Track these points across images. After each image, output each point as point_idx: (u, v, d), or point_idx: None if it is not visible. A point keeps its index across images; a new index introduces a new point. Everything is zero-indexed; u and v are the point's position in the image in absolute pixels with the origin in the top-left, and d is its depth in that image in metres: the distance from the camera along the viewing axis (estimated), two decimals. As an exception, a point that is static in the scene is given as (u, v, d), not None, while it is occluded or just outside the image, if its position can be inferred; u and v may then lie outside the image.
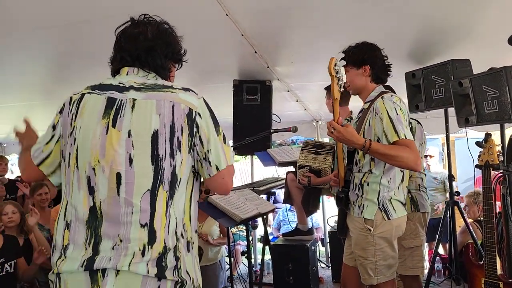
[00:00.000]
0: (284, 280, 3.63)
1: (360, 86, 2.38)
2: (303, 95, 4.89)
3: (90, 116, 1.42)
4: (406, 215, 2.31)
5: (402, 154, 2.08)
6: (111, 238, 1.35)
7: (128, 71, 1.52)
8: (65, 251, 1.38)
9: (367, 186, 2.24)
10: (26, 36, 3.45)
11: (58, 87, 4.80)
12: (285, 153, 3.85)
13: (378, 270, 2.23)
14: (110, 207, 1.36)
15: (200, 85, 4.53)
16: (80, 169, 1.40)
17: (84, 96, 1.46)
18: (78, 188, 1.40)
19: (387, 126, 2.13)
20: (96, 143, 1.39)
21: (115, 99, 1.43)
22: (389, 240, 2.24)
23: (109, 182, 1.37)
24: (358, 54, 2.35)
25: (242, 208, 2.81)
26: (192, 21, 3.17)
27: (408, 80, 3.57)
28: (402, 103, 2.25)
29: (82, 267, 1.33)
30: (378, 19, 3.10)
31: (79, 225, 1.38)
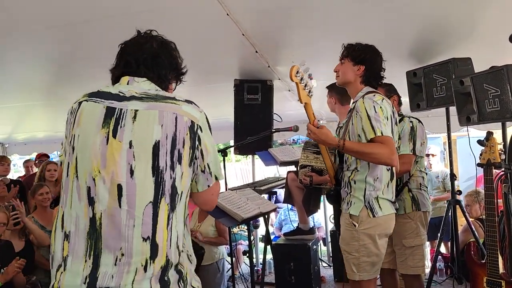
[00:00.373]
0: (286, 280, 3.63)
1: (348, 81, 2.44)
2: (304, 94, 4.88)
3: (88, 124, 1.40)
4: (393, 213, 2.32)
5: (375, 150, 2.18)
6: (112, 251, 1.32)
7: (129, 80, 1.49)
8: (65, 263, 1.34)
9: (354, 184, 2.31)
10: (26, 36, 3.45)
11: (58, 88, 4.81)
12: (286, 153, 3.85)
13: (361, 266, 2.27)
14: (111, 218, 1.33)
15: (201, 85, 4.54)
16: (80, 179, 1.37)
17: (82, 104, 1.44)
18: (78, 199, 1.36)
19: (365, 124, 2.22)
20: (97, 153, 1.36)
21: (115, 109, 1.41)
22: (373, 237, 2.27)
23: (110, 193, 1.34)
24: (360, 52, 2.41)
25: (244, 207, 2.81)
26: (193, 21, 3.18)
27: (410, 79, 3.57)
28: (385, 102, 2.31)
29: (85, 284, 1.30)
30: (379, 19, 3.10)
31: (80, 236, 1.34)
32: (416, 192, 2.93)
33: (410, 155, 2.89)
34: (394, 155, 2.17)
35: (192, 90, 4.69)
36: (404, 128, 2.94)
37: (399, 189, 2.92)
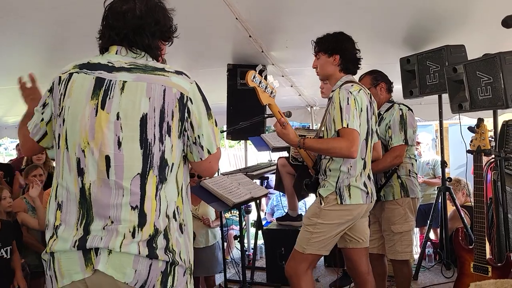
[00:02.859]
0: (277, 264, 3.65)
1: (328, 73, 2.48)
2: (298, 80, 4.87)
3: (78, 96, 1.40)
4: (362, 204, 2.34)
5: (333, 145, 2.27)
6: (102, 219, 1.36)
7: (117, 49, 1.48)
8: (57, 231, 1.38)
9: (329, 172, 2.37)
10: (16, 19, 3.39)
11: (51, 70, 4.68)
12: (278, 138, 3.82)
13: (310, 242, 2.34)
14: (100, 189, 1.36)
15: (193, 69, 4.49)
16: (70, 151, 1.39)
17: (72, 75, 1.43)
18: (69, 170, 1.39)
19: (336, 115, 2.27)
20: (86, 124, 1.37)
21: (104, 79, 1.40)
22: (333, 220, 2.31)
23: (98, 164, 1.36)
24: (330, 43, 2.43)
25: (235, 192, 2.82)
26: (186, 3, 3.12)
27: (403, 65, 3.57)
28: (362, 92, 2.34)
29: (75, 247, 1.34)
30: (373, 5, 3.08)
31: (72, 206, 1.38)
32: (405, 178, 2.95)
33: (402, 146, 2.89)
34: (353, 147, 2.20)
35: (185, 74, 4.66)
36: (393, 117, 2.94)
37: (388, 175, 2.94)
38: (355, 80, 2.48)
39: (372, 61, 3.33)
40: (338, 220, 2.32)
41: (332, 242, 2.38)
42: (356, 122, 2.24)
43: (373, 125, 2.44)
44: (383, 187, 2.92)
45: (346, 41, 2.44)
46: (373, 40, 3.52)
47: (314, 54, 2.51)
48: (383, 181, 2.92)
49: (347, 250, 2.52)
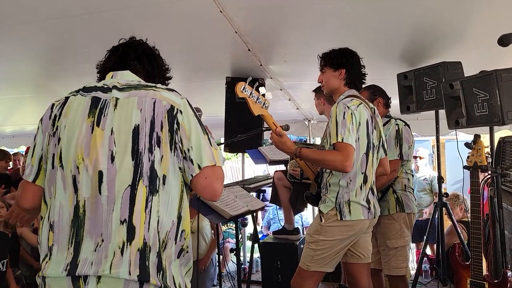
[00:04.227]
0: (273, 278, 3.63)
1: (333, 87, 2.51)
2: (296, 94, 4.90)
3: (75, 115, 1.42)
4: (363, 220, 2.34)
5: (328, 157, 2.28)
6: (93, 238, 1.32)
7: (113, 75, 1.54)
8: (51, 252, 1.36)
9: (329, 187, 2.38)
10: (16, 30, 3.42)
11: (49, 81, 4.77)
12: (276, 151, 3.84)
13: (314, 259, 2.34)
14: (93, 206, 1.34)
15: (192, 81, 4.52)
16: (65, 168, 1.38)
17: (69, 98, 1.47)
18: (63, 188, 1.37)
19: (332, 129, 2.29)
20: (82, 141, 1.38)
21: (100, 99, 1.44)
22: (334, 237, 2.32)
23: (92, 181, 1.35)
24: (337, 57, 2.48)
25: (232, 205, 2.81)
26: (186, 17, 3.17)
27: (400, 81, 3.59)
28: (361, 107, 2.36)
29: (66, 271, 1.31)
30: (371, 21, 3.12)
31: (64, 226, 1.35)
32: (400, 193, 2.95)
33: (397, 160, 2.91)
34: (347, 161, 2.21)
35: (184, 86, 4.66)
36: (390, 132, 2.97)
37: (383, 190, 2.94)
38: (358, 94, 2.50)
39: (370, 76, 3.34)
40: (340, 236, 2.31)
41: (336, 258, 2.37)
42: (352, 137, 2.25)
43: (376, 139, 2.44)
44: (379, 201, 2.92)
45: (353, 56, 2.48)
46: (371, 56, 3.52)
47: (320, 68, 2.54)
48: (379, 195, 2.93)
49: (348, 265, 2.51)
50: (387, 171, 2.62)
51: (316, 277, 2.39)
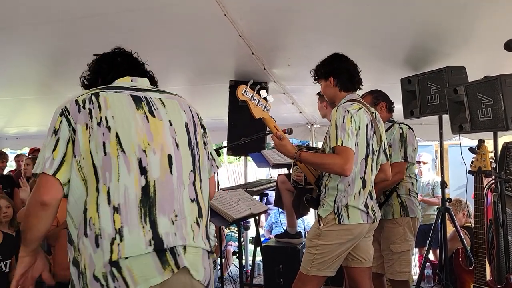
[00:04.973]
0: (275, 282, 3.62)
1: (331, 96, 2.57)
2: (299, 98, 4.90)
3: (121, 107, 1.48)
4: (362, 224, 2.33)
5: (327, 161, 2.29)
6: (166, 214, 1.42)
7: (132, 79, 1.65)
8: (121, 234, 1.34)
9: (328, 191, 2.39)
10: (20, 31, 3.44)
11: (53, 82, 4.78)
12: (279, 155, 3.85)
13: (313, 263, 2.35)
14: (164, 185, 1.45)
15: (196, 84, 4.53)
16: (128, 153, 1.43)
17: (99, 93, 1.49)
18: (128, 170, 1.41)
19: (332, 133, 2.30)
20: (142, 128, 1.47)
21: (139, 96, 1.55)
22: (333, 241, 2.32)
23: (161, 162, 1.47)
24: (323, 67, 2.53)
25: (235, 208, 2.82)
26: (190, 20, 3.18)
27: (404, 86, 3.59)
28: (362, 112, 2.36)
29: (152, 246, 1.34)
30: (375, 25, 3.12)
31: (131, 207, 1.38)
32: (405, 197, 2.94)
33: (402, 163, 2.90)
34: (347, 165, 2.22)
35: (187, 89, 4.68)
36: (394, 135, 2.97)
37: (387, 194, 2.93)
38: (359, 98, 2.50)
39: (373, 80, 3.36)
40: (338, 240, 2.31)
41: (336, 262, 2.36)
42: (352, 140, 2.26)
43: (376, 144, 2.44)
44: (382, 205, 2.92)
45: (336, 61, 2.51)
46: (375, 60, 3.56)
47: (316, 82, 2.61)
48: (382, 199, 2.92)
49: (349, 269, 2.50)
50: (388, 177, 2.61)
51: (316, 281, 2.39)
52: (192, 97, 5.01)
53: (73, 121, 1.43)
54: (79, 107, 1.45)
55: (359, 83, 2.54)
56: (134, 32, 3.23)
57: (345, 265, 2.50)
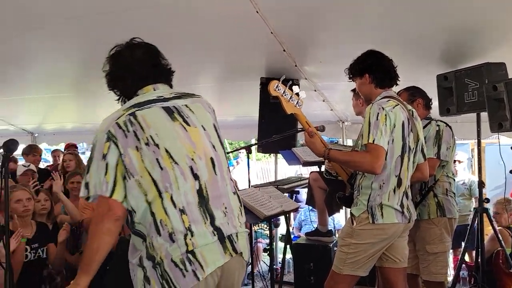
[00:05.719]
0: (305, 280, 3.60)
1: (366, 94, 2.51)
2: (330, 95, 4.85)
3: (159, 123, 1.63)
4: (396, 223, 2.29)
5: (356, 159, 2.30)
6: (219, 208, 1.66)
7: (154, 87, 1.74)
8: (191, 230, 1.59)
9: (361, 189, 2.36)
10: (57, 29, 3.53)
11: (86, 80, 4.90)
12: (310, 153, 3.80)
13: (346, 262, 2.33)
14: (212, 185, 1.67)
15: (227, 81, 4.56)
16: (181, 164, 1.62)
17: (135, 114, 1.62)
18: (184, 179, 1.62)
19: (365, 130, 2.26)
20: (184, 139, 1.65)
21: (169, 107, 1.68)
22: (366, 240, 2.28)
23: (207, 166, 1.68)
24: (356, 65, 2.48)
25: (266, 205, 2.82)
26: (222, 17, 3.19)
27: (440, 82, 3.49)
28: (397, 109, 2.31)
29: (216, 236, 1.61)
30: (410, 22, 3.06)
31: (193, 207, 1.61)
32: (442, 197, 2.87)
33: (433, 159, 2.83)
34: (377, 163, 2.18)
35: (217, 86, 4.72)
36: (429, 133, 2.90)
37: (423, 193, 2.87)
38: (395, 95, 2.45)
39: (408, 77, 3.29)
40: (372, 240, 2.28)
41: (369, 262, 2.33)
42: (384, 138, 2.21)
43: (412, 142, 2.38)
44: (418, 205, 2.85)
45: (370, 57, 2.45)
46: (408, 56, 3.47)
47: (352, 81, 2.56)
48: (418, 198, 2.86)
49: (383, 269, 2.46)
50: (426, 177, 2.55)
51: (349, 280, 2.36)
52: (222, 94, 5.05)
53: (122, 146, 1.58)
54: (123, 131, 1.58)
55: (396, 79, 2.48)
56: (165, 29, 3.26)
57: (379, 265, 2.46)
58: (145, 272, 1.59)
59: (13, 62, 4.27)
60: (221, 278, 1.64)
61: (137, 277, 1.62)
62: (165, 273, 1.56)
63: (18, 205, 3.07)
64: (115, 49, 1.78)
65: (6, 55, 4.06)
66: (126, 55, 1.74)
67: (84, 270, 1.59)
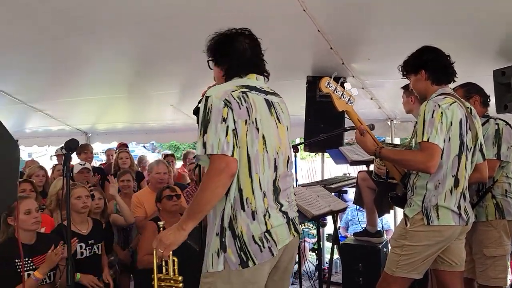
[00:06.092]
0: (354, 281, 3.55)
1: (422, 91, 2.42)
2: (378, 93, 4.74)
3: (263, 112, 1.82)
4: (453, 225, 2.21)
5: (409, 157, 2.25)
6: (284, 198, 1.87)
7: (257, 77, 1.91)
8: (269, 212, 1.80)
9: (415, 189, 2.29)
10: (112, 33, 3.67)
11: (139, 82, 5.07)
12: (358, 151, 3.75)
13: (399, 264, 2.27)
14: (283, 178, 1.88)
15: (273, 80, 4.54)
16: (270, 153, 1.82)
17: (247, 94, 1.79)
18: (268, 166, 1.81)
19: (419, 127, 2.20)
20: (276, 134, 1.86)
21: (268, 101, 1.87)
22: (422, 242, 2.21)
23: (284, 162, 1.88)
24: (412, 61, 2.41)
25: (315, 204, 2.80)
26: (269, 16, 3.20)
27: (497, 78, 3.34)
28: (454, 106, 2.23)
29: (285, 219, 1.85)
30: (462, 14, 2.95)
31: (270, 194, 1.82)
32: (501, 199, 2.73)
33: (493, 161, 2.70)
34: (431, 162, 2.11)
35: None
36: (488, 132, 2.76)
37: (481, 194, 2.75)
38: (452, 92, 2.36)
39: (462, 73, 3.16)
40: (427, 242, 2.21)
41: (424, 264, 2.26)
42: (439, 137, 2.14)
43: (470, 141, 2.29)
44: (475, 206, 2.73)
45: (427, 52, 2.37)
46: (463, 52, 3.33)
47: (405, 78, 2.49)
48: (475, 200, 2.74)
49: (439, 272, 2.38)
50: (485, 178, 2.44)
51: (402, 283, 2.30)
52: (268, 93, 5.06)
53: (236, 115, 1.73)
54: (238, 103, 1.74)
55: (453, 75, 2.39)
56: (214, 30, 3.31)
57: (434, 268, 2.38)
58: (223, 241, 1.74)
59: (69, 65, 4.49)
60: (283, 253, 1.84)
61: (211, 245, 1.77)
62: (244, 246, 1.73)
63: (78, 201, 3.18)
64: (231, 31, 1.92)
65: (63, 58, 4.28)
66: (240, 40, 1.89)
67: (192, 218, 1.74)
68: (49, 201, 3.60)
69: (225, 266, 1.72)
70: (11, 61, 4.41)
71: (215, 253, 1.75)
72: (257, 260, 1.74)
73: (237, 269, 1.72)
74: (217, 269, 1.73)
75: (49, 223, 3.35)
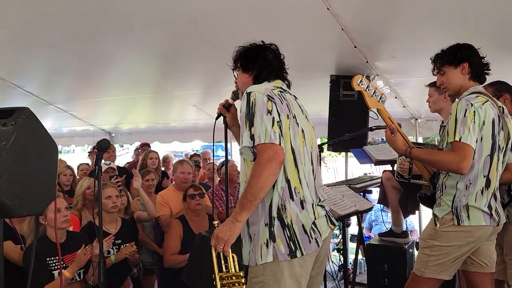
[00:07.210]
0: (379, 281, 3.51)
1: (457, 85, 2.31)
2: (403, 91, 4.67)
3: (298, 110, 1.93)
4: (484, 226, 2.17)
5: (440, 158, 2.20)
6: (315, 192, 1.93)
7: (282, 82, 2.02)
8: (314, 203, 1.90)
9: (445, 189, 2.26)
10: (137, 34, 3.73)
11: (163, 82, 5.14)
12: (382, 151, 3.72)
13: (428, 265, 2.24)
14: (316, 173, 1.98)
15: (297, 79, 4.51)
16: (308, 147, 1.92)
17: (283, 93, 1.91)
18: (307, 160, 1.92)
19: (451, 126, 2.16)
20: (309, 130, 1.96)
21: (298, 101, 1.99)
22: (451, 242, 2.18)
23: (313, 158, 1.96)
24: (455, 52, 2.29)
25: (340, 204, 2.79)
26: (293, 15, 3.20)
27: (526, 75, 3.25)
28: (487, 105, 2.16)
29: (324, 211, 1.94)
30: (490, 9, 2.88)
31: (311, 186, 1.91)
32: (538, 199, 2.66)
33: None
34: (463, 163, 2.07)
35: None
36: None
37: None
38: (484, 91, 2.31)
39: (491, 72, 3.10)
40: (457, 242, 2.18)
41: (454, 265, 2.23)
42: (472, 136, 2.09)
43: (502, 141, 2.24)
44: (506, 206, 2.66)
45: (470, 48, 2.30)
46: (492, 49, 3.20)
47: (437, 70, 2.36)
48: (506, 199, 2.67)
49: (468, 274, 2.35)
50: None
51: (431, 284, 2.27)
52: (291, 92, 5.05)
53: (279, 109, 1.82)
54: (280, 99, 1.85)
55: (487, 74, 2.34)
56: (237, 30, 3.32)
57: (463, 269, 2.34)
58: (272, 231, 1.79)
59: (95, 66, 4.58)
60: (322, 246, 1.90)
61: (259, 236, 1.81)
62: (293, 235, 1.80)
63: (108, 201, 3.21)
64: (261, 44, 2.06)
65: (89, 60, 4.37)
66: (268, 52, 2.03)
67: (246, 207, 1.77)
68: (76, 200, 3.65)
69: (274, 258, 1.77)
70: (36, 63, 4.52)
71: (264, 244, 1.79)
72: (305, 250, 1.79)
73: (286, 260, 1.77)
74: (266, 260, 1.77)
75: (75, 222, 3.40)
